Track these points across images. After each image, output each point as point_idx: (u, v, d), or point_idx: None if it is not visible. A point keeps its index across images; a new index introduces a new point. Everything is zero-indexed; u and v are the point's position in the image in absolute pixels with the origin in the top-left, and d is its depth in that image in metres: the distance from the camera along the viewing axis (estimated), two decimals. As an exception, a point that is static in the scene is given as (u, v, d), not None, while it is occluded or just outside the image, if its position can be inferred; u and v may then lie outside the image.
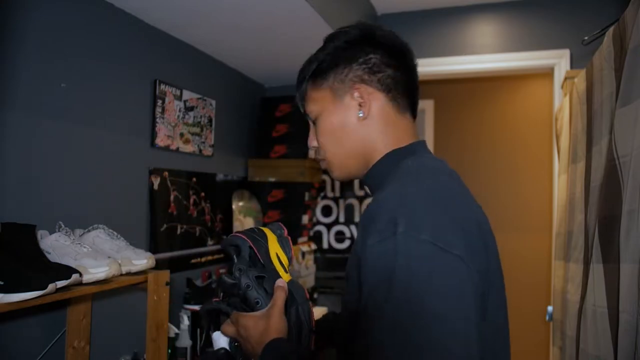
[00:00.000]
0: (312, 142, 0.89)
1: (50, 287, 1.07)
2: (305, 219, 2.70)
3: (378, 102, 0.81)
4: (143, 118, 1.94)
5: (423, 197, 0.64)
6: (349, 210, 3.02)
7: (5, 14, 1.37)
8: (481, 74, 2.83)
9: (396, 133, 0.82)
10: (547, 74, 2.68)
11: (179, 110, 2.14)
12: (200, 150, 2.30)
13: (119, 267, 1.30)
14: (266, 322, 0.77)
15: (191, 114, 2.22)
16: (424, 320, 0.53)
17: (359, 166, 0.83)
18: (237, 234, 0.88)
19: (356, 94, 0.80)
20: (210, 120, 2.38)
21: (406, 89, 0.83)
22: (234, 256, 0.87)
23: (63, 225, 1.35)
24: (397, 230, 0.59)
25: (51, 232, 1.32)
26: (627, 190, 1.02)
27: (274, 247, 0.87)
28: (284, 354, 0.73)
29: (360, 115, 0.80)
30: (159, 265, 1.49)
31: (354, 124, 0.81)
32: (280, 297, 0.79)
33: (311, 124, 0.88)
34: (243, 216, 2.62)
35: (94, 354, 1.57)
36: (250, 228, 0.90)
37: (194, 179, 2.26)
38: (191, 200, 2.23)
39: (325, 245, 3.02)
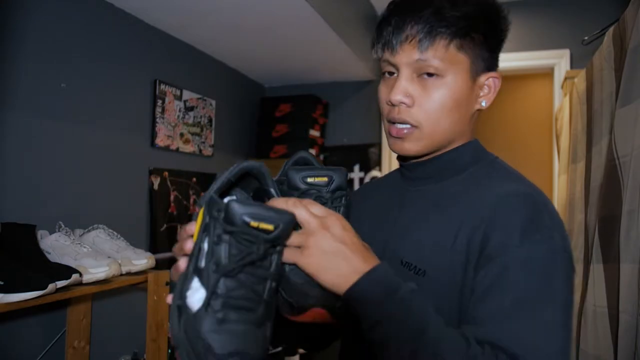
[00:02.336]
0: (405, 97, 0.70)
1: (50, 287, 1.07)
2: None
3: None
4: (143, 118, 1.94)
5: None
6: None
7: (5, 14, 1.37)
8: (481, 74, 2.83)
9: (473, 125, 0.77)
10: (547, 74, 2.68)
11: (179, 110, 2.14)
12: (200, 150, 2.30)
13: (119, 267, 1.30)
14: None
15: (191, 114, 2.22)
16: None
17: (439, 147, 0.74)
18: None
19: (488, 81, 0.73)
20: (210, 120, 2.38)
21: None
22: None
23: (63, 225, 1.35)
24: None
25: (51, 232, 1.32)
26: (627, 190, 1.02)
27: None
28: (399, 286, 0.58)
29: (483, 104, 0.74)
30: (159, 265, 1.49)
31: (470, 106, 0.73)
32: None
33: (411, 74, 0.70)
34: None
35: (94, 354, 1.57)
36: None
37: (194, 179, 2.26)
38: (191, 200, 2.23)
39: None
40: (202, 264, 0.53)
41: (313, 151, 2.74)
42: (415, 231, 0.73)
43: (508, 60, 2.58)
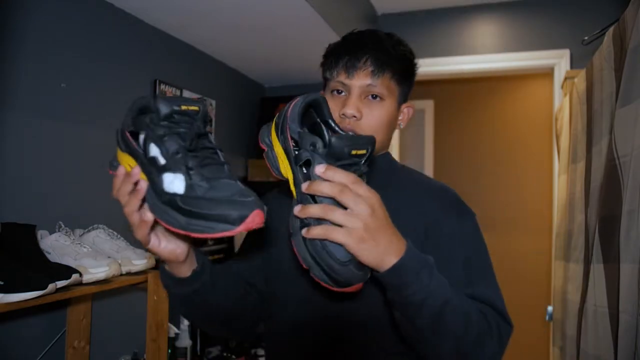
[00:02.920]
0: (356, 111, 0.87)
1: (50, 287, 1.07)
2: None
3: None
4: (143, 118, 1.94)
5: None
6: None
7: (5, 14, 1.37)
8: (481, 74, 2.83)
9: None
10: (547, 74, 2.67)
11: (179, 110, 2.14)
12: (200, 150, 2.30)
13: (119, 267, 1.30)
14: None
15: (191, 114, 2.22)
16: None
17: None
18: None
19: (406, 110, 0.97)
20: (210, 120, 2.38)
21: None
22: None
23: (63, 225, 1.35)
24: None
25: (51, 232, 1.32)
26: (627, 190, 1.02)
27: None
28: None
29: (401, 126, 0.97)
30: (158, 265, 1.49)
31: (395, 126, 0.96)
32: None
33: (360, 94, 0.89)
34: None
35: (94, 354, 1.57)
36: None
37: (194, 179, 2.26)
38: (191, 200, 2.23)
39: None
40: (162, 161, 0.61)
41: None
42: None
43: (508, 60, 2.58)
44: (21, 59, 1.41)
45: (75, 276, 1.15)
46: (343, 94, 0.91)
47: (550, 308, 2.07)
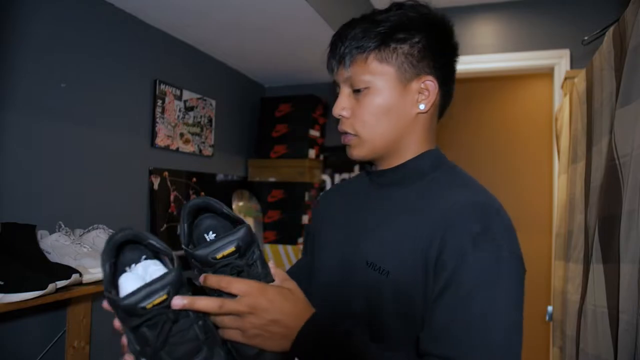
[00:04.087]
0: (343, 111, 0.78)
1: (50, 287, 1.07)
2: (305, 219, 2.70)
3: (436, 99, 0.80)
4: (143, 118, 1.94)
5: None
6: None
7: (5, 14, 1.37)
8: (481, 74, 2.83)
9: (433, 133, 0.84)
10: (547, 74, 2.67)
11: (179, 110, 2.14)
12: (200, 150, 2.30)
13: (119, 267, 1.30)
14: (294, 295, 0.67)
15: (191, 114, 2.22)
16: None
17: (388, 151, 0.80)
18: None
19: (422, 85, 0.78)
20: (210, 120, 2.38)
21: (450, 94, 0.84)
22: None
23: (63, 225, 1.35)
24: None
25: (51, 232, 1.32)
26: (627, 190, 1.02)
27: None
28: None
29: (421, 107, 0.78)
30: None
31: (405, 111, 0.78)
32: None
33: (348, 90, 0.79)
34: (243, 216, 2.62)
35: (94, 354, 1.57)
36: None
37: (194, 179, 2.26)
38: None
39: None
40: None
41: (313, 151, 2.75)
42: (380, 233, 0.78)
43: (508, 60, 2.58)
44: (21, 59, 1.41)
45: (75, 276, 1.15)
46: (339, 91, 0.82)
47: (550, 308, 2.07)
